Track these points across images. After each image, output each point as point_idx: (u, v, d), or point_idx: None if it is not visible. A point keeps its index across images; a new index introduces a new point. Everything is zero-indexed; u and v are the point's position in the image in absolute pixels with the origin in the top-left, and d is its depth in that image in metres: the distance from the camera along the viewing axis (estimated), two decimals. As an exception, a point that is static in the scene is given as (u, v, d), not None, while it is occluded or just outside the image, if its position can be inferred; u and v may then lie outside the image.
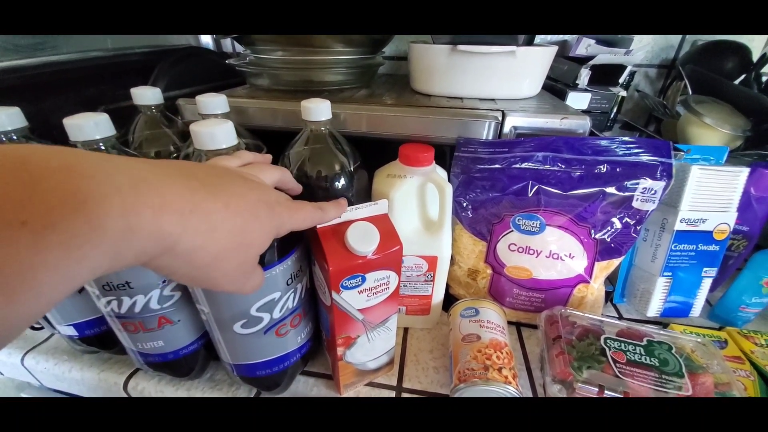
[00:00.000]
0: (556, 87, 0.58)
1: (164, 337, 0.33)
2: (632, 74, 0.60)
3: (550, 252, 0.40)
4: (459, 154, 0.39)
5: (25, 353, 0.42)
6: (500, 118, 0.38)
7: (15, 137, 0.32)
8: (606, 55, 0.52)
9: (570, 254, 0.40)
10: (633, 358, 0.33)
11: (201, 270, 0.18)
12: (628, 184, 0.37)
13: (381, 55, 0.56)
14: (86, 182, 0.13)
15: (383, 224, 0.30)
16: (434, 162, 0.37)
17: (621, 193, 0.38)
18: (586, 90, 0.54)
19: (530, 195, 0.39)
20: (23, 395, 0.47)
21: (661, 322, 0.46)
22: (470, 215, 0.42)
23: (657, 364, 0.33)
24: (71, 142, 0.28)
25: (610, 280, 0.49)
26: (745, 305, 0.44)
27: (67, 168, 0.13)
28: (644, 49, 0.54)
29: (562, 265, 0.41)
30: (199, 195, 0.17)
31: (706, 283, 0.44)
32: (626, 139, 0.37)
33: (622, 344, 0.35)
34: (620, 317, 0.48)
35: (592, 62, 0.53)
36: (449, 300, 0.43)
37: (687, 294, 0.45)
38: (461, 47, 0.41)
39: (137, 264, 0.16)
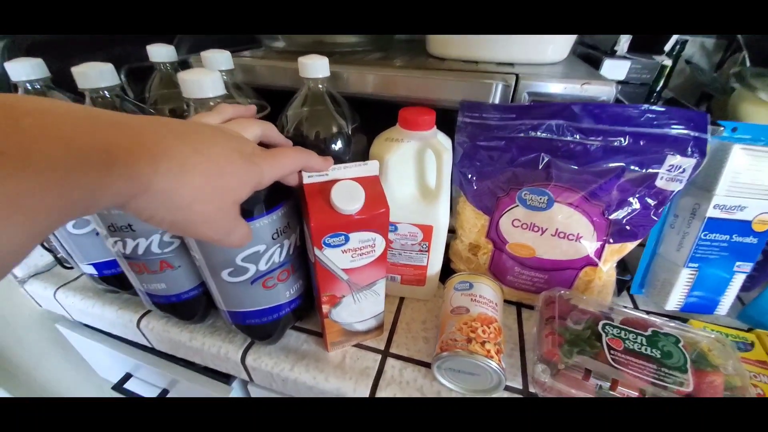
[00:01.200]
0: (592, 56, 0.53)
1: (166, 281, 0.36)
2: (683, 43, 0.53)
3: (556, 230, 0.38)
4: (463, 120, 0.36)
5: (57, 288, 0.47)
6: (510, 81, 0.35)
7: (39, 86, 0.34)
8: (652, 18, 0.46)
9: (578, 234, 0.37)
10: (632, 347, 0.31)
11: (179, 213, 0.19)
12: (653, 159, 0.33)
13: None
14: (63, 121, 0.14)
15: (371, 186, 0.30)
16: (435, 127, 0.35)
17: (643, 170, 0.34)
18: (624, 57, 0.49)
19: (540, 168, 0.36)
20: (58, 326, 0.54)
21: (681, 317, 0.42)
22: (474, 187, 0.40)
23: (659, 356, 0.31)
24: (79, 89, 0.30)
25: (630, 269, 0.45)
26: (784, 307, 0.39)
27: (46, 110, 0.14)
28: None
29: (569, 245, 0.38)
30: (168, 140, 0.18)
31: (738, 279, 0.40)
32: (655, 108, 0.33)
33: (622, 332, 0.32)
34: (636, 308, 0.44)
35: (634, 26, 0.47)
36: (450, 274, 0.42)
37: (714, 289, 0.41)
38: (478, 4, 0.38)
39: (116, 205, 0.16)
